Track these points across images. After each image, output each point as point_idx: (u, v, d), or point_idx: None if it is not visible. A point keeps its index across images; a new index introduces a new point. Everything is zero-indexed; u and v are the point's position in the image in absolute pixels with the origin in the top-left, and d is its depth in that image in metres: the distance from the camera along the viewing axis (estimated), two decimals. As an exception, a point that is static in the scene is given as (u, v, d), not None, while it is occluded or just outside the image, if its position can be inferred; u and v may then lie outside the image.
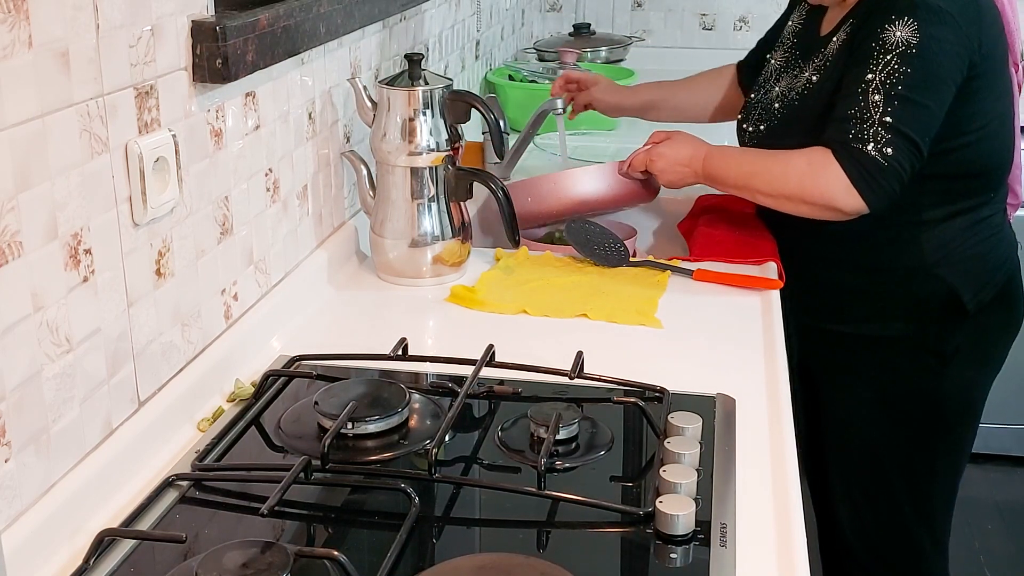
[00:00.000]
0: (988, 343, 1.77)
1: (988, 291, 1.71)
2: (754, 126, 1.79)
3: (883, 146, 1.53)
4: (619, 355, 1.39)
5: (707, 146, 1.73)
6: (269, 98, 1.40)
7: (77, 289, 1.02)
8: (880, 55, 1.54)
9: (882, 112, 1.53)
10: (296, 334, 1.46)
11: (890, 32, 1.54)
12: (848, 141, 1.55)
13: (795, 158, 1.60)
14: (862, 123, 1.54)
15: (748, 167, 1.67)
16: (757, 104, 1.81)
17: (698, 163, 1.70)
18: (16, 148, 0.92)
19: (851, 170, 1.54)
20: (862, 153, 1.54)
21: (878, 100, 1.53)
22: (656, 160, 1.74)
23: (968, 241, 1.69)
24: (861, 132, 1.54)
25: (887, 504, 1.84)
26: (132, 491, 1.09)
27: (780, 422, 1.24)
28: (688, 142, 1.74)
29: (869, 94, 1.54)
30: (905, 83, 1.53)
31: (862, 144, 1.54)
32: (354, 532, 1.08)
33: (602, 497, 1.06)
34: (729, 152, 1.73)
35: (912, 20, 1.53)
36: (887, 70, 1.53)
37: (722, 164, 1.69)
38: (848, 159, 1.55)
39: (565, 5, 3.55)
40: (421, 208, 1.63)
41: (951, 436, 1.80)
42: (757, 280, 1.62)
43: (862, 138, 1.54)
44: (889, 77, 1.53)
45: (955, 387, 1.76)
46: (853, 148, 1.54)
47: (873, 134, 1.53)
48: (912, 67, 1.53)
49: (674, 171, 1.73)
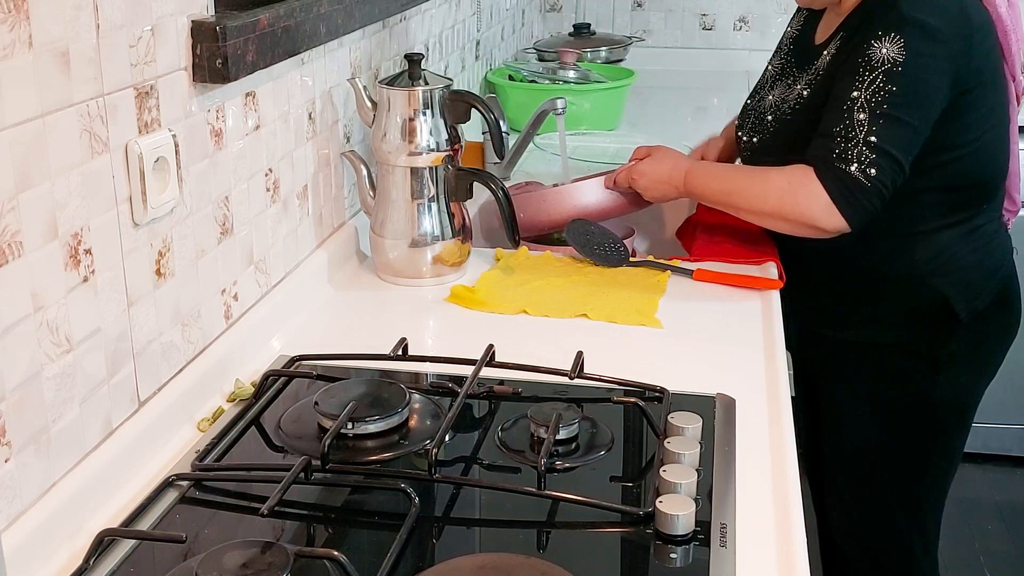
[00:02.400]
0: (983, 350, 1.77)
1: (982, 299, 1.71)
2: (748, 136, 1.80)
3: (867, 166, 1.53)
4: (619, 355, 1.39)
5: (687, 163, 1.74)
6: (269, 98, 1.40)
7: (77, 289, 1.02)
8: (866, 72, 1.54)
9: (867, 131, 1.53)
10: (296, 334, 1.46)
11: (876, 49, 1.54)
12: (832, 160, 1.55)
13: (775, 177, 1.60)
14: (846, 142, 1.54)
15: (728, 184, 1.67)
16: (751, 111, 1.82)
17: (679, 179, 1.71)
18: (16, 148, 0.92)
19: (833, 190, 1.54)
20: (845, 173, 1.54)
21: (863, 119, 1.53)
22: (638, 178, 1.75)
23: (962, 250, 1.69)
24: (845, 152, 1.54)
25: (878, 506, 1.84)
26: (132, 491, 1.09)
27: (780, 422, 1.24)
28: (667, 159, 1.75)
29: (854, 112, 1.54)
30: (890, 101, 1.53)
31: (845, 164, 1.54)
32: (354, 532, 1.08)
33: (602, 497, 1.06)
34: (709, 169, 1.73)
35: (899, 37, 1.53)
36: (872, 88, 1.53)
37: (702, 182, 1.69)
38: (831, 178, 1.55)
39: (565, 5, 3.55)
40: (421, 208, 1.63)
41: (943, 440, 1.81)
42: (757, 280, 1.62)
43: (846, 158, 1.54)
44: (875, 95, 1.53)
45: (948, 392, 1.76)
46: (836, 168, 1.55)
47: (857, 154, 1.54)
48: (897, 85, 1.53)
49: (656, 188, 1.74)
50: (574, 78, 2.73)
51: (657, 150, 1.78)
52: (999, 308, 1.75)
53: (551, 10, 3.57)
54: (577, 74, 2.75)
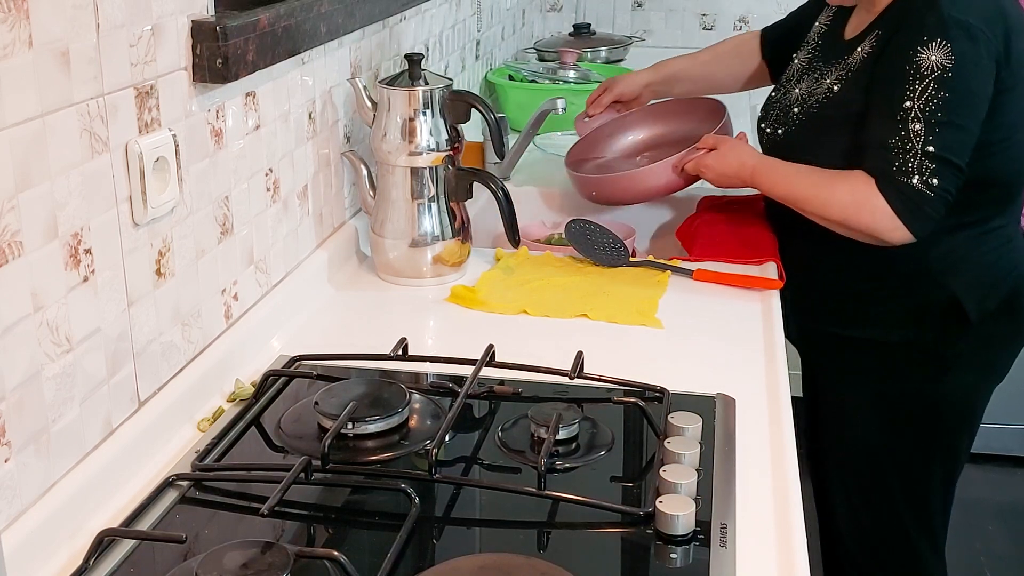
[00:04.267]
0: (991, 351, 1.76)
1: (992, 300, 1.69)
2: (772, 127, 1.79)
3: (928, 176, 1.53)
4: (619, 355, 1.39)
5: (753, 158, 1.74)
6: (269, 98, 1.40)
7: (77, 289, 1.02)
8: (916, 80, 1.53)
9: (924, 141, 1.53)
10: (296, 334, 1.46)
11: (924, 56, 1.52)
12: (893, 173, 1.55)
13: (839, 188, 1.60)
14: (904, 153, 1.54)
15: (792, 190, 1.67)
16: (776, 104, 1.81)
17: (746, 175, 1.73)
18: (16, 148, 0.92)
19: (897, 204, 1.55)
20: (908, 186, 1.54)
21: (919, 129, 1.53)
22: (705, 171, 1.78)
23: (975, 250, 1.68)
24: (905, 164, 1.54)
25: (885, 507, 1.83)
26: (132, 491, 1.09)
27: (780, 422, 1.24)
28: (733, 155, 1.75)
29: (909, 122, 1.53)
30: (944, 108, 1.52)
31: (907, 176, 1.54)
32: (354, 532, 1.08)
33: (602, 497, 1.06)
34: (776, 170, 1.71)
35: (944, 42, 1.52)
36: (925, 96, 1.52)
37: (769, 181, 1.71)
38: (894, 193, 1.55)
39: (565, 5, 3.55)
40: (421, 208, 1.63)
41: (949, 441, 1.80)
42: (757, 280, 1.62)
43: (906, 170, 1.54)
44: (928, 104, 1.52)
45: (955, 393, 1.75)
46: (899, 181, 1.54)
47: (917, 166, 1.53)
48: (950, 91, 1.52)
49: (724, 181, 1.78)
50: (574, 78, 2.73)
51: (723, 142, 1.78)
52: (1010, 310, 1.73)
53: (551, 10, 3.57)
54: (577, 74, 2.75)
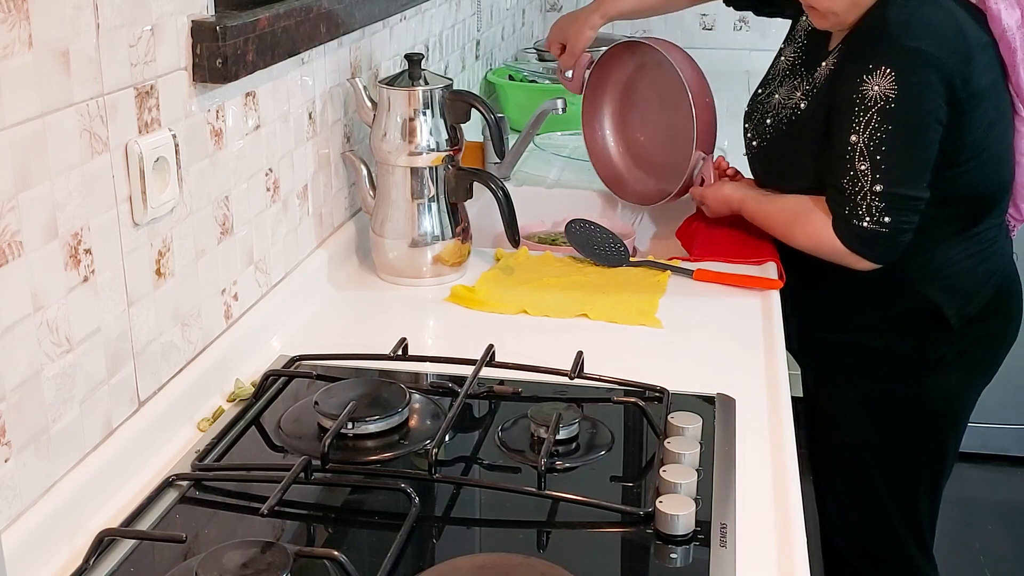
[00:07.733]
0: (976, 353, 1.76)
1: (974, 305, 1.70)
2: (751, 134, 1.81)
3: (880, 215, 1.55)
4: (619, 355, 1.39)
5: (740, 194, 1.78)
6: (269, 98, 1.40)
7: (77, 289, 1.02)
8: (862, 112, 1.54)
9: (871, 180, 1.54)
10: (296, 334, 1.46)
11: (868, 85, 1.53)
12: (846, 216, 1.58)
13: (799, 231, 1.66)
14: (855, 195, 1.56)
15: (768, 223, 1.74)
16: (758, 106, 1.82)
17: (736, 206, 1.79)
18: (16, 148, 0.92)
19: (854, 245, 1.59)
20: (861, 228, 1.57)
21: (865, 169, 1.54)
22: (707, 203, 1.84)
23: (954, 256, 1.68)
24: (856, 207, 1.56)
25: (873, 506, 1.85)
26: (132, 491, 1.09)
27: (780, 422, 1.24)
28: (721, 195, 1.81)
29: (856, 161, 1.55)
30: (888, 142, 1.53)
31: (858, 220, 1.56)
32: (354, 532, 1.08)
33: (602, 497, 1.06)
34: (759, 205, 1.76)
35: (889, 70, 1.51)
36: (868, 130, 1.53)
37: (748, 215, 1.77)
38: (848, 236, 1.58)
39: (565, 5, 3.55)
40: (421, 208, 1.63)
41: (936, 442, 1.81)
42: (757, 280, 1.62)
43: (858, 213, 1.56)
44: (872, 138, 1.53)
45: (938, 395, 1.76)
46: (852, 224, 1.57)
47: (867, 208, 1.55)
48: (893, 122, 1.52)
49: (719, 211, 1.83)
50: (574, 78, 2.72)
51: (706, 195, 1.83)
52: (994, 312, 1.73)
53: (551, 10, 3.56)
54: (577, 74, 2.74)
